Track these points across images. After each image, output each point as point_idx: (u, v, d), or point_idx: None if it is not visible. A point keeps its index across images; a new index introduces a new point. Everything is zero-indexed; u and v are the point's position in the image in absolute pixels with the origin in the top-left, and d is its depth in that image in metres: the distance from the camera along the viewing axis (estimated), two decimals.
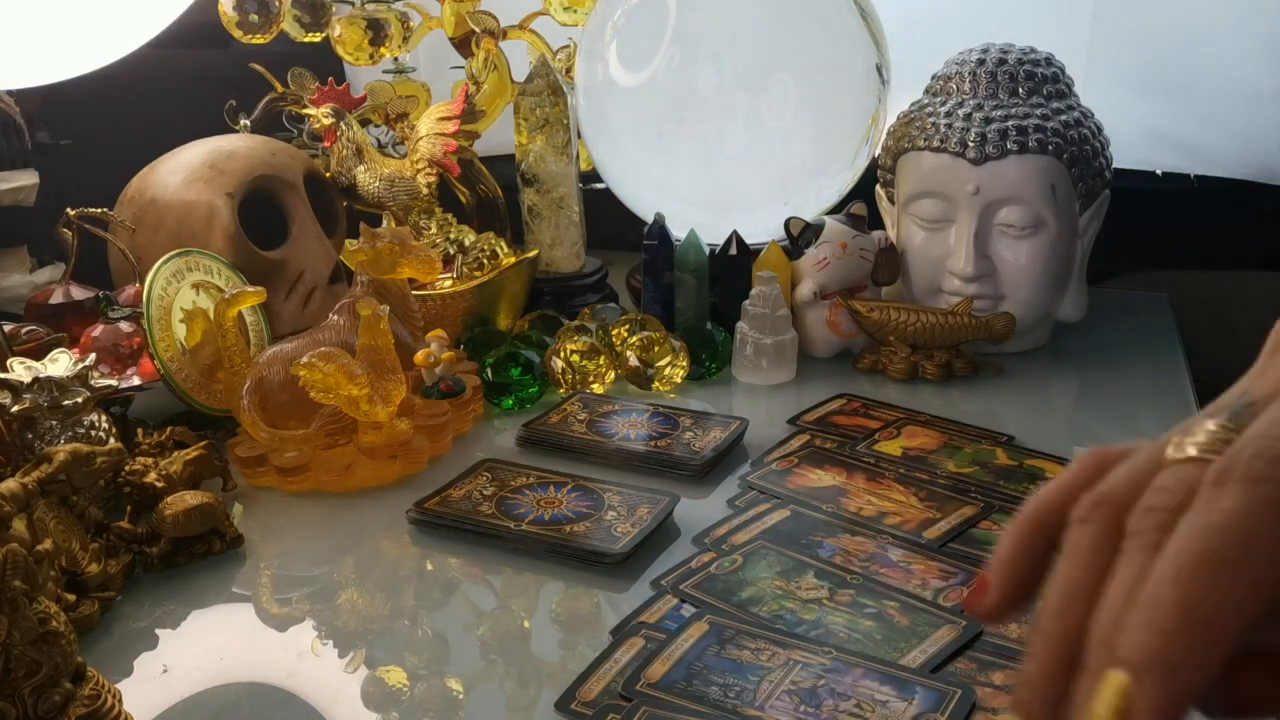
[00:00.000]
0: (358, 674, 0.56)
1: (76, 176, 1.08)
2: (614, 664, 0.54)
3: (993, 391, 0.92)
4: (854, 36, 1.00)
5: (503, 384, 0.88)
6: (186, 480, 0.71)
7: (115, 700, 0.50)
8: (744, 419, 0.82)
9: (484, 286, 0.96)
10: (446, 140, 1.01)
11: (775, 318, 0.92)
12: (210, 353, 0.81)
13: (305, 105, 1.04)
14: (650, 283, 0.99)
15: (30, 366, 0.70)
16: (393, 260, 0.83)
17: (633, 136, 1.04)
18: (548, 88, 1.03)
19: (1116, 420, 0.86)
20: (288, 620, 0.61)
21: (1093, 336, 1.02)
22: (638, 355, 0.91)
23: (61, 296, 0.89)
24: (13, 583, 0.46)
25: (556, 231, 1.07)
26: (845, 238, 0.96)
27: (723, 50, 0.98)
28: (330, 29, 1.11)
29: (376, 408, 0.75)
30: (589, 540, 0.65)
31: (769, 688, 0.52)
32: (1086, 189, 0.94)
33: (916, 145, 0.96)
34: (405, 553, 0.68)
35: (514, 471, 0.75)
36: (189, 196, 0.93)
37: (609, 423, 0.82)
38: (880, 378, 0.95)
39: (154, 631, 0.60)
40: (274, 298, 0.94)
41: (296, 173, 0.99)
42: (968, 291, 0.94)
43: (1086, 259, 0.97)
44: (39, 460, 0.59)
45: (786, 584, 0.61)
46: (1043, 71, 0.95)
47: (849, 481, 0.73)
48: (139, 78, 1.05)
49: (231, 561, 0.67)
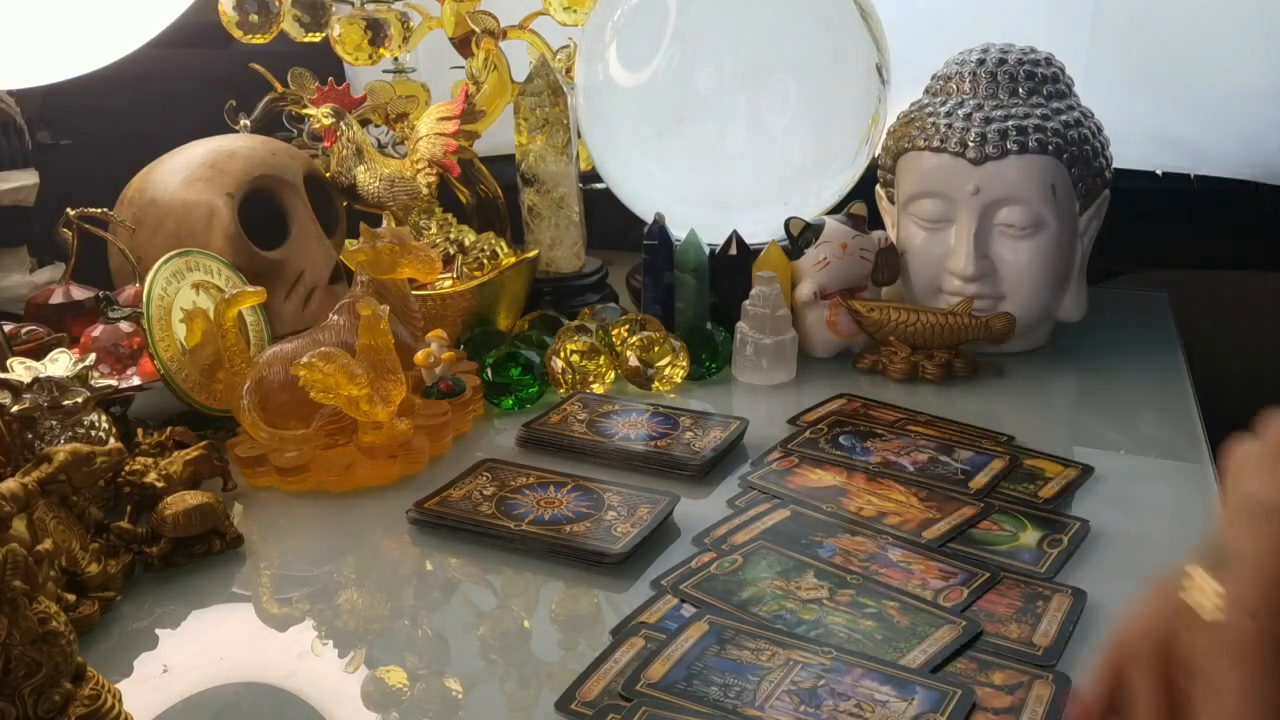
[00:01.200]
0: (358, 674, 0.56)
1: (76, 176, 1.08)
2: (614, 664, 0.54)
3: (993, 391, 0.92)
4: (854, 36, 1.00)
5: (503, 384, 0.88)
6: (186, 480, 0.71)
7: (115, 700, 0.50)
8: (744, 419, 0.82)
9: (484, 286, 0.96)
10: (446, 140, 1.01)
11: (775, 318, 0.92)
12: (210, 353, 0.81)
13: (305, 105, 1.04)
14: (650, 283, 0.99)
15: (30, 366, 0.70)
16: (393, 260, 0.83)
17: (633, 136, 1.04)
18: (548, 88, 1.03)
19: (1116, 420, 0.86)
20: (288, 620, 0.61)
21: (1093, 336, 1.02)
22: (638, 355, 0.91)
23: (61, 296, 0.89)
24: (13, 583, 0.46)
25: (556, 231, 1.07)
26: (845, 238, 0.96)
27: (723, 50, 0.98)
28: (330, 29, 1.11)
29: (376, 408, 0.75)
30: (589, 540, 0.65)
31: (769, 688, 0.52)
32: (1086, 189, 0.94)
33: (916, 145, 0.96)
34: (405, 553, 0.68)
35: (514, 471, 0.75)
36: (189, 196, 0.93)
37: (609, 423, 0.82)
38: (880, 378, 0.95)
39: (154, 631, 0.60)
40: (274, 298, 0.94)
41: (296, 173, 0.99)
42: (968, 291, 0.94)
43: (1086, 259, 0.97)
44: (39, 460, 0.59)
45: (786, 584, 0.61)
46: (1043, 71, 0.95)
47: (849, 481, 0.73)
48: (139, 78, 1.05)
49: (231, 561, 0.67)
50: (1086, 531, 0.67)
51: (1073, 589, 0.60)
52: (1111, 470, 0.75)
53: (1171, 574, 0.34)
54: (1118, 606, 0.59)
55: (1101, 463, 0.76)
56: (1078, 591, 0.60)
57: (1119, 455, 0.80)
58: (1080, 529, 0.67)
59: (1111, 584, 0.61)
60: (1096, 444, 0.81)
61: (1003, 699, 0.51)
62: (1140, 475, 0.75)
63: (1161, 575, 0.35)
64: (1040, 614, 0.58)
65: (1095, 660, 0.35)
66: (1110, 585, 0.61)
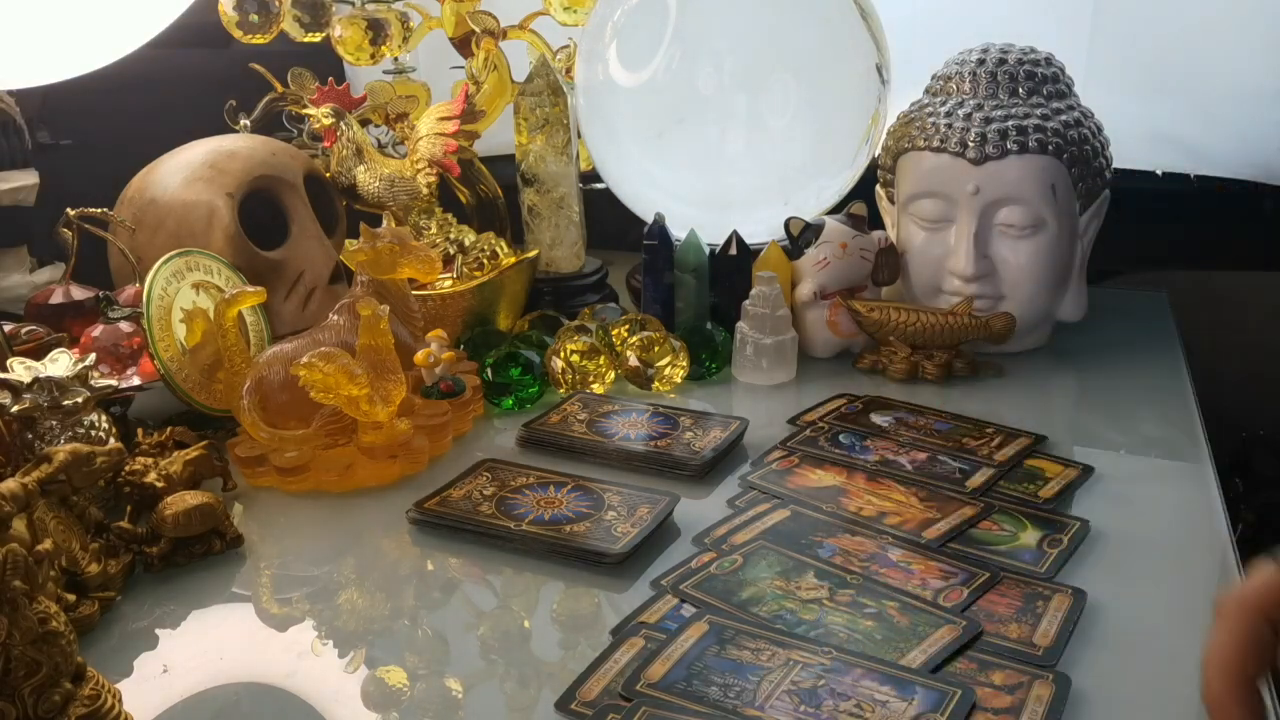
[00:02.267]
0: (358, 674, 0.56)
1: (76, 176, 1.08)
2: (614, 664, 0.54)
3: (993, 391, 0.92)
4: (854, 36, 1.00)
5: (503, 384, 0.88)
6: (186, 480, 0.71)
7: (115, 700, 0.50)
8: (744, 419, 0.82)
9: (484, 286, 0.96)
10: (446, 140, 1.01)
11: (775, 318, 0.92)
12: (210, 353, 0.81)
13: (305, 105, 1.04)
14: (650, 283, 0.99)
15: (30, 366, 0.70)
16: (393, 260, 0.83)
17: (633, 136, 1.04)
18: (548, 88, 1.03)
19: (1116, 420, 0.86)
20: (288, 620, 0.61)
21: (1093, 336, 1.02)
22: (638, 355, 0.91)
23: (61, 296, 0.89)
24: (13, 583, 0.46)
25: (556, 231, 1.07)
26: (845, 238, 0.96)
27: (723, 50, 0.98)
28: (330, 29, 1.11)
29: (376, 408, 0.75)
30: (589, 540, 0.65)
31: (769, 688, 0.52)
32: (1086, 189, 0.94)
33: (916, 145, 0.96)
34: (405, 553, 0.68)
35: (514, 471, 0.75)
36: (189, 196, 0.93)
37: (609, 423, 0.82)
38: (880, 378, 0.95)
39: (154, 631, 0.60)
40: (274, 298, 0.94)
41: (296, 173, 0.99)
42: (968, 291, 0.94)
43: (1086, 259, 0.97)
44: (39, 460, 0.59)
45: (786, 584, 0.61)
46: (1043, 71, 0.95)
47: (849, 481, 0.73)
48: (139, 78, 1.05)
49: (231, 561, 0.67)
50: (1087, 531, 0.67)
51: (1073, 589, 0.60)
52: (1111, 470, 0.75)
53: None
54: (1118, 606, 0.60)
55: (1101, 463, 0.76)
56: (1078, 591, 0.60)
57: (1119, 455, 0.80)
58: (1080, 529, 0.67)
59: (1111, 584, 0.61)
60: (1096, 444, 0.81)
61: (1003, 699, 0.51)
62: (1140, 475, 0.75)
63: None
64: (1040, 614, 0.58)
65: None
66: (1110, 585, 0.61)
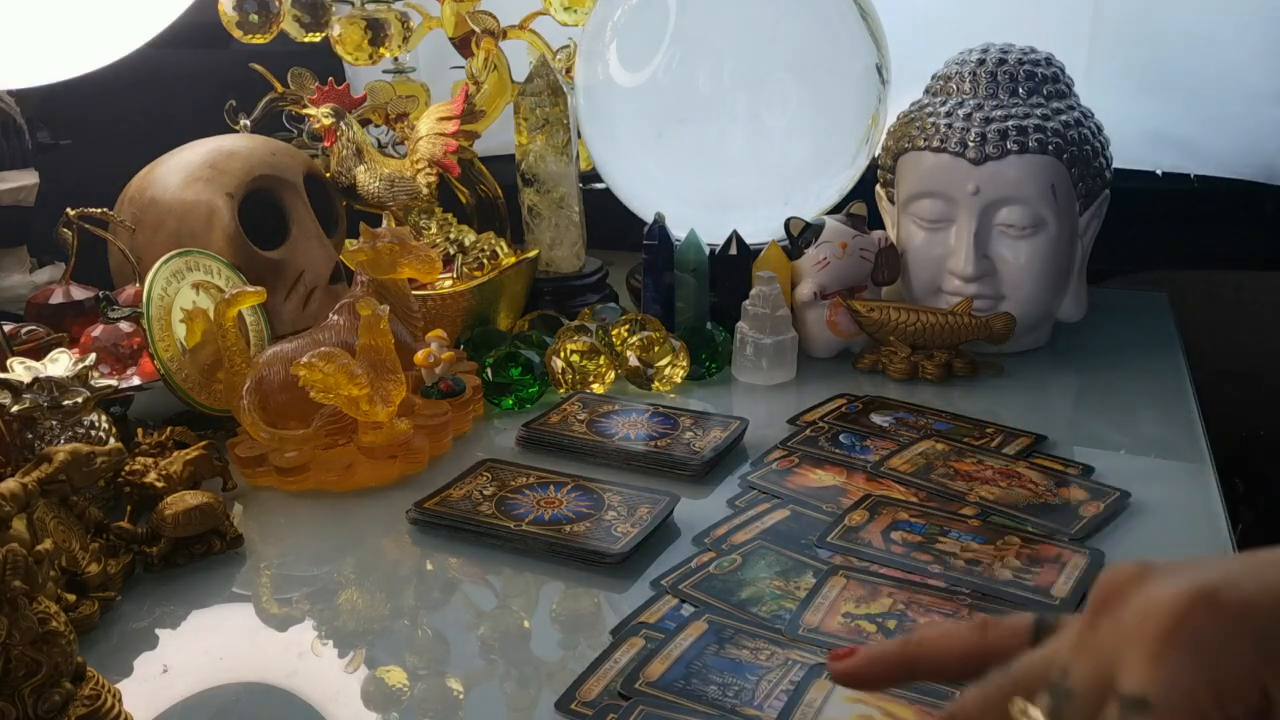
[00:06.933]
0: (358, 674, 0.56)
1: (76, 176, 1.08)
2: (614, 664, 0.54)
3: (993, 391, 0.92)
4: (854, 36, 1.00)
5: (503, 384, 0.88)
6: (186, 480, 0.71)
7: (115, 700, 0.51)
8: (744, 419, 0.82)
9: (484, 286, 0.96)
10: (446, 140, 1.01)
11: (775, 318, 0.92)
12: (210, 353, 0.81)
13: (305, 105, 1.04)
14: (650, 283, 0.99)
15: (30, 366, 0.70)
16: (393, 260, 0.83)
17: (633, 136, 1.04)
18: (548, 88, 1.03)
19: (1116, 420, 0.86)
20: (288, 620, 0.61)
21: (1093, 336, 1.02)
22: (638, 355, 0.91)
23: (61, 296, 0.89)
24: (13, 583, 0.46)
25: (556, 231, 1.07)
26: (845, 238, 0.96)
27: (723, 50, 0.98)
28: (330, 29, 1.11)
29: (376, 408, 0.75)
30: (589, 540, 0.65)
31: (767, 687, 0.52)
32: (1086, 189, 0.94)
33: (916, 145, 0.96)
34: (405, 553, 0.68)
35: (514, 471, 0.75)
36: (189, 196, 0.93)
37: (609, 423, 0.82)
38: (880, 378, 0.95)
39: (154, 631, 0.60)
40: (274, 298, 0.94)
41: (296, 173, 0.99)
42: (968, 291, 0.94)
43: (1086, 259, 0.97)
44: (39, 460, 0.59)
45: (785, 584, 0.61)
46: (1043, 71, 0.95)
47: (849, 481, 0.73)
48: (139, 78, 1.05)
49: (231, 561, 0.67)
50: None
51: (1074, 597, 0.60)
52: (1111, 470, 0.75)
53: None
54: None
55: (1101, 463, 0.76)
56: (1078, 592, 0.60)
57: (1119, 455, 0.80)
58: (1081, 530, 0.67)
59: None
60: (1096, 444, 0.81)
61: None
62: (1140, 475, 0.75)
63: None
64: None
65: None
66: None
